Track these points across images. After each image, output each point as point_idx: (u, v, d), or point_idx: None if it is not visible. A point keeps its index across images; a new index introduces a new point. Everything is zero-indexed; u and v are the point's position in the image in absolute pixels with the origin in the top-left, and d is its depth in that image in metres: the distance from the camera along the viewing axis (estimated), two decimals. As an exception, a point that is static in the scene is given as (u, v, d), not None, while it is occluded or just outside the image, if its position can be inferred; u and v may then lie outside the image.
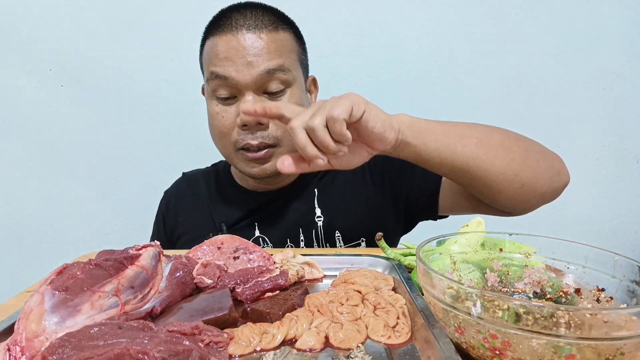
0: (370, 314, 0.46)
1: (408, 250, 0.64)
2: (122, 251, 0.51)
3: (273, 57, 0.73)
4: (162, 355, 0.33)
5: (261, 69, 0.72)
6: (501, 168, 0.62)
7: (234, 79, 0.72)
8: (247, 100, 0.73)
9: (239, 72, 0.72)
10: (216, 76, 0.73)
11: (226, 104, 0.76)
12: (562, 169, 0.69)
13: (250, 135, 0.75)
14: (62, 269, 0.44)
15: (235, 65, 0.72)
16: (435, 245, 0.52)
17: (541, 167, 0.65)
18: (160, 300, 0.48)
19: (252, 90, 0.73)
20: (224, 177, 0.95)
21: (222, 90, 0.75)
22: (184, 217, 0.94)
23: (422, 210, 0.85)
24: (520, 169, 0.63)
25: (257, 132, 0.75)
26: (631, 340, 0.32)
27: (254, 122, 0.73)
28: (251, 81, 0.72)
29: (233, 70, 0.72)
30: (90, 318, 0.41)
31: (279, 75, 0.74)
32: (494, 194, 0.65)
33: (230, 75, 0.72)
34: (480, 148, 0.60)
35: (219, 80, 0.74)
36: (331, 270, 0.61)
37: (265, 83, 0.74)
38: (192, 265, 0.55)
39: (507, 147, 0.63)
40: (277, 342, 0.41)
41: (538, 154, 0.66)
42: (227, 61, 0.72)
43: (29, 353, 0.36)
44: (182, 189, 0.98)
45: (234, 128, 0.76)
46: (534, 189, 0.65)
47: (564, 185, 0.70)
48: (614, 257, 0.45)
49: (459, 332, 0.39)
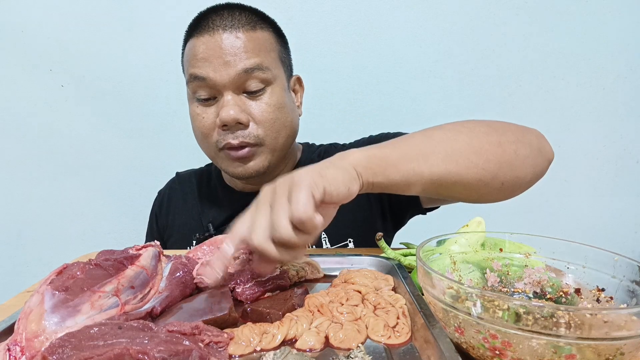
0: (370, 314, 0.46)
1: (408, 250, 0.64)
2: (122, 251, 0.51)
3: (250, 56, 0.73)
4: (162, 355, 0.33)
5: (238, 68, 0.72)
6: (476, 175, 0.56)
7: (212, 79, 0.72)
8: (227, 101, 0.73)
9: (217, 72, 0.72)
10: (195, 77, 0.74)
11: (206, 105, 0.76)
12: (543, 146, 0.63)
13: (231, 134, 0.74)
14: (62, 269, 0.44)
15: (212, 66, 0.72)
16: (435, 245, 0.52)
17: (520, 157, 0.59)
18: (160, 300, 0.48)
19: (231, 90, 0.73)
20: (214, 178, 0.95)
21: (202, 92, 0.75)
22: (174, 217, 0.94)
23: (407, 207, 0.84)
24: (498, 168, 0.57)
25: (237, 132, 0.74)
26: (631, 340, 0.32)
27: (233, 122, 0.73)
28: (229, 81, 0.72)
29: (211, 70, 0.72)
30: (90, 318, 0.41)
31: (257, 74, 0.73)
32: (476, 199, 0.62)
33: (208, 76, 0.72)
34: (448, 162, 0.55)
35: (197, 81, 0.74)
36: (331, 270, 0.61)
37: (244, 82, 0.73)
38: (192, 265, 0.55)
39: (478, 149, 0.57)
40: (277, 342, 0.41)
41: (514, 143, 0.59)
42: (205, 62, 0.72)
43: (29, 353, 0.36)
44: (175, 188, 0.98)
45: (214, 129, 0.76)
46: (516, 182, 0.61)
47: (548, 162, 0.65)
48: (614, 257, 0.45)
49: (459, 332, 0.39)
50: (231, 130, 0.74)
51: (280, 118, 0.77)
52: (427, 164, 0.54)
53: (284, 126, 0.78)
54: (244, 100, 0.75)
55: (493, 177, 0.57)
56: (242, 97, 0.75)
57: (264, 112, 0.75)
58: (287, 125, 0.79)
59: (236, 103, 0.73)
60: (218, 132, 0.75)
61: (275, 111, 0.76)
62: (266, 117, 0.75)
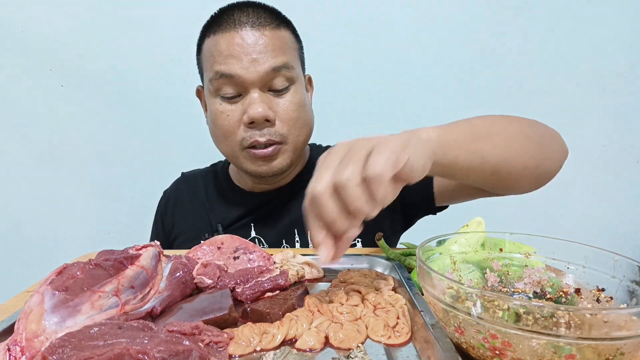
0: (370, 314, 0.46)
1: (408, 250, 0.64)
2: (122, 251, 0.51)
3: (277, 55, 0.73)
4: (162, 355, 0.33)
5: (267, 66, 0.72)
6: (524, 161, 0.57)
7: (240, 76, 0.72)
8: (254, 98, 0.72)
9: (245, 69, 0.71)
10: (221, 75, 0.72)
11: (231, 103, 0.75)
12: (563, 143, 0.66)
13: (258, 132, 0.74)
14: (62, 269, 0.44)
15: (240, 63, 0.71)
16: (435, 245, 0.52)
17: (554, 150, 0.63)
18: (160, 300, 0.48)
19: (258, 87, 0.73)
20: (221, 178, 0.95)
21: (227, 89, 0.74)
22: (181, 217, 0.94)
23: (420, 207, 0.84)
24: (541, 158, 0.59)
25: (264, 129, 0.74)
26: (631, 340, 0.32)
27: (262, 119, 0.73)
28: (257, 79, 0.72)
29: (239, 67, 0.71)
30: (90, 318, 0.41)
31: (284, 72, 0.74)
32: (512, 189, 0.63)
33: (237, 73, 0.72)
34: (508, 145, 0.55)
35: (224, 78, 0.73)
36: (331, 270, 0.61)
37: (271, 80, 0.73)
38: (192, 265, 0.55)
39: (528, 136, 0.59)
40: (277, 342, 0.41)
41: (549, 138, 0.63)
42: (232, 59, 0.72)
43: (29, 353, 0.36)
44: (181, 188, 0.98)
45: (239, 126, 0.75)
46: (548, 173, 0.63)
47: (565, 160, 0.67)
48: (614, 257, 0.45)
49: (459, 332, 0.39)
50: (258, 127, 0.74)
51: (302, 116, 0.78)
52: (490, 144, 0.54)
53: (305, 125, 0.79)
54: (269, 98, 0.75)
55: (536, 165, 0.59)
56: (267, 95, 0.75)
57: (288, 111, 0.75)
58: (307, 124, 0.80)
59: (263, 100, 0.73)
60: (244, 130, 0.75)
61: (298, 109, 0.77)
62: (290, 116, 0.76)
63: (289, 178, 0.87)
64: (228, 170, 0.95)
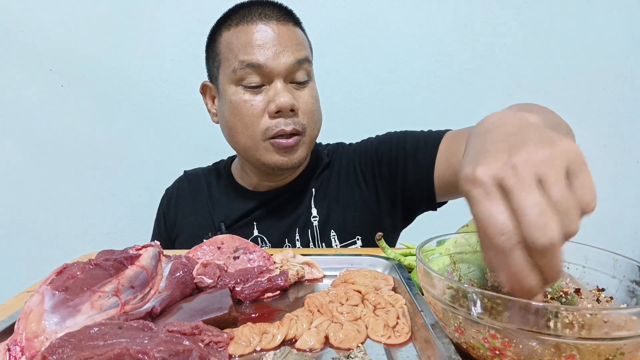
0: (370, 314, 0.46)
1: (408, 250, 0.64)
2: (122, 251, 0.51)
3: (300, 49, 0.76)
4: (162, 355, 0.33)
5: (292, 58, 0.74)
6: None
7: (268, 66, 0.73)
8: (279, 88, 0.74)
9: (273, 59, 0.73)
10: (248, 64, 0.74)
11: (255, 93, 0.76)
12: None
13: (283, 121, 0.75)
14: (62, 269, 0.44)
15: (269, 53, 0.73)
16: (435, 245, 0.52)
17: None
18: (160, 300, 0.48)
19: (282, 78, 0.75)
20: (224, 176, 0.95)
21: (253, 78, 0.75)
22: (183, 215, 0.94)
23: (421, 202, 0.84)
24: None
25: (288, 119, 0.75)
26: (631, 340, 0.32)
27: (289, 108, 0.74)
28: (284, 69, 0.74)
29: (266, 58, 0.73)
30: (90, 318, 0.41)
31: (305, 66, 0.77)
32: None
33: (266, 63, 0.73)
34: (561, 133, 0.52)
35: (250, 68, 0.74)
36: (331, 270, 0.61)
37: (294, 72, 0.76)
38: (192, 265, 0.55)
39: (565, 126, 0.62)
40: (277, 342, 0.41)
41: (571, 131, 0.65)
42: (261, 49, 0.73)
43: (29, 353, 0.36)
44: (183, 187, 0.98)
45: (263, 116, 0.76)
46: None
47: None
48: (614, 257, 0.45)
49: (459, 332, 0.39)
50: (283, 116, 0.75)
51: (318, 110, 0.82)
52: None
53: (319, 119, 0.82)
54: (291, 89, 0.77)
55: None
56: (290, 86, 0.77)
57: (308, 103, 0.78)
58: (320, 119, 0.83)
59: (288, 90, 0.75)
60: (268, 119, 0.76)
61: (315, 103, 0.80)
62: (310, 108, 0.78)
63: (293, 176, 0.88)
64: (231, 168, 0.95)
